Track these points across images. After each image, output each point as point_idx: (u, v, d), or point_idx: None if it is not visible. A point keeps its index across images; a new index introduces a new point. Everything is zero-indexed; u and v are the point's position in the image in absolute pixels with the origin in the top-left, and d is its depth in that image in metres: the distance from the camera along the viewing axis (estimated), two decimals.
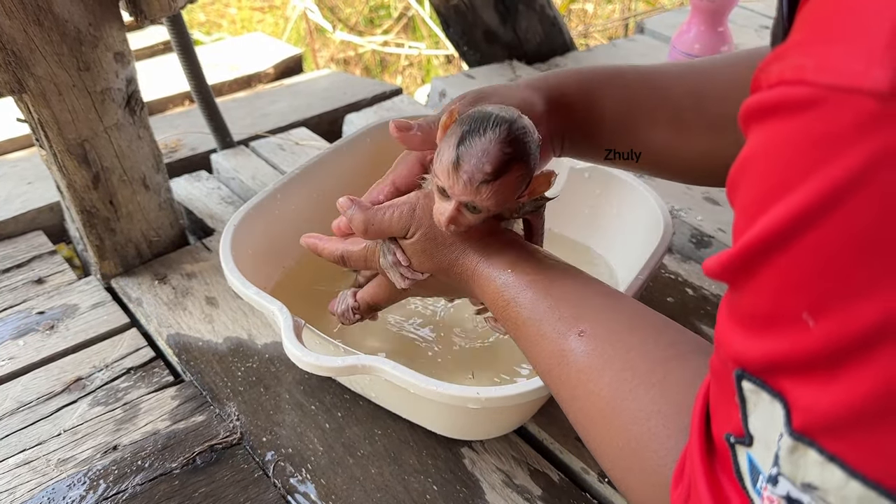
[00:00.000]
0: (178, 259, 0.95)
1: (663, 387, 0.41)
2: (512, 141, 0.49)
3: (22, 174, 1.14)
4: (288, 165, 1.12)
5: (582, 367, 0.46)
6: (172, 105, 1.42)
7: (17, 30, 0.73)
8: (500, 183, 0.49)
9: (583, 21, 2.69)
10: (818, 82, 0.25)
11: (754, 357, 0.29)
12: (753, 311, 0.29)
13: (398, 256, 0.57)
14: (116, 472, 0.69)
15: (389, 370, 0.59)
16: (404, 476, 0.69)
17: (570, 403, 0.47)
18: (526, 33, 1.43)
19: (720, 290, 0.89)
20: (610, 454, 0.43)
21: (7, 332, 0.86)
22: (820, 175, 0.25)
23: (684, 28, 1.12)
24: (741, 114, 0.29)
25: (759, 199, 0.28)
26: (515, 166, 0.49)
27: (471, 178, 0.49)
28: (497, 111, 0.50)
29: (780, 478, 0.28)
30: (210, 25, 2.83)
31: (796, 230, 0.26)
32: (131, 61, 0.84)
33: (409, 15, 2.71)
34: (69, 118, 0.80)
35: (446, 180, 0.50)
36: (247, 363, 0.80)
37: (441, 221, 0.52)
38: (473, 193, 0.50)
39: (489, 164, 0.48)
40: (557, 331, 0.48)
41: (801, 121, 0.26)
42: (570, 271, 0.53)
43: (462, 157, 0.49)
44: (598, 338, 0.46)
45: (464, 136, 0.49)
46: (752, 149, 0.29)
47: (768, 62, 0.28)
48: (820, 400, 0.26)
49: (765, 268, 0.28)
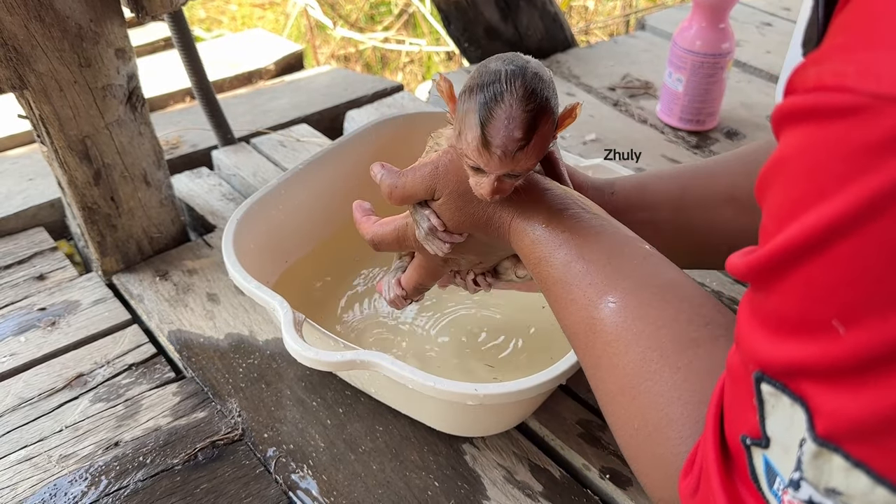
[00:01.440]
0: (180, 255, 0.95)
1: (688, 372, 0.41)
2: (532, 94, 0.46)
3: (23, 171, 1.14)
4: (289, 162, 1.12)
5: (609, 340, 0.44)
6: (173, 101, 1.42)
7: (18, 26, 0.73)
8: (533, 142, 0.46)
9: (584, 18, 2.68)
10: (860, 89, 0.25)
11: (777, 360, 0.29)
12: (780, 314, 0.29)
13: (433, 221, 0.54)
14: (118, 469, 0.69)
15: (388, 366, 0.59)
16: (406, 472, 0.69)
17: (593, 371, 0.46)
18: (527, 30, 1.43)
19: (721, 285, 0.89)
20: (626, 432, 0.43)
21: (8, 329, 0.86)
22: (859, 183, 0.25)
23: (686, 25, 1.12)
24: (774, 116, 0.29)
25: (792, 203, 0.28)
26: (542, 119, 0.46)
27: (504, 151, 0.46)
28: (503, 65, 0.47)
29: (803, 482, 0.28)
30: (211, 22, 2.82)
31: (832, 237, 0.26)
32: (132, 58, 0.84)
33: (409, 11, 2.71)
34: (70, 114, 0.80)
35: (479, 159, 0.47)
36: (248, 359, 0.80)
37: (484, 194, 0.49)
38: (511, 164, 0.47)
39: (518, 129, 0.45)
40: (588, 297, 0.46)
41: (840, 127, 0.25)
42: (608, 229, 0.50)
43: (489, 133, 0.46)
44: (628, 310, 0.44)
45: (482, 108, 0.46)
46: (786, 151, 0.28)
47: (806, 65, 0.27)
48: (846, 406, 0.26)
49: (795, 272, 0.27)
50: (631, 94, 1.31)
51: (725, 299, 0.87)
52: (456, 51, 2.26)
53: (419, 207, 0.55)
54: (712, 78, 1.13)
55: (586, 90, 1.32)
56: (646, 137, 1.17)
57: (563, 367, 0.60)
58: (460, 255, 0.57)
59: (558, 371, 0.60)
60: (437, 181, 0.53)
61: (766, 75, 1.36)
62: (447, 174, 0.52)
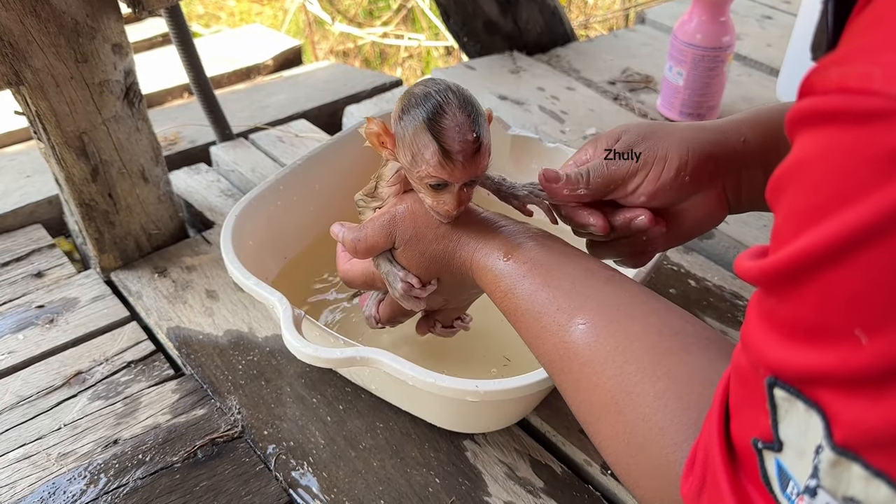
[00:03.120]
0: (178, 252, 0.94)
1: (667, 381, 0.41)
2: (465, 100, 0.49)
3: (20, 167, 1.13)
4: (287, 158, 1.12)
5: (585, 361, 0.45)
6: (171, 97, 1.41)
7: (13, 21, 0.72)
8: (484, 142, 0.50)
9: (583, 12, 2.68)
10: (887, 92, 0.24)
11: (793, 366, 0.28)
12: (795, 321, 0.28)
13: (408, 279, 0.55)
14: (117, 466, 0.69)
15: (388, 362, 0.58)
16: (406, 469, 0.69)
17: (573, 396, 0.47)
18: (526, 24, 1.42)
19: (722, 281, 0.89)
20: (615, 449, 0.43)
21: (7, 326, 0.85)
22: (885, 190, 0.24)
23: (686, 18, 1.12)
24: (789, 117, 0.28)
25: (812, 208, 0.27)
26: (482, 120, 0.50)
27: (465, 156, 0.49)
28: (427, 87, 0.49)
29: (820, 490, 0.28)
30: (209, 18, 2.81)
31: (855, 245, 0.25)
32: (129, 53, 0.83)
33: (408, 6, 2.70)
34: (67, 111, 0.79)
35: (442, 172, 0.50)
36: (247, 356, 0.80)
37: (450, 210, 0.51)
38: (474, 167, 0.50)
39: (470, 132, 0.48)
40: (557, 323, 0.47)
41: (866, 132, 0.25)
42: (569, 254, 0.52)
43: (446, 143, 0.48)
44: (599, 329, 0.45)
45: (430, 124, 0.48)
46: (804, 154, 0.28)
47: (825, 66, 0.27)
48: (866, 416, 0.26)
49: (813, 280, 0.27)
50: (631, 87, 1.30)
51: (727, 294, 0.87)
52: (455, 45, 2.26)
53: (388, 264, 0.56)
54: (713, 71, 1.12)
55: (586, 84, 1.32)
56: None
57: None
58: (436, 301, 0.59)
59: None
60: (396, 228, 0.55)
61: (767, 68, 1.36)
62: (404, 220, 0.55)
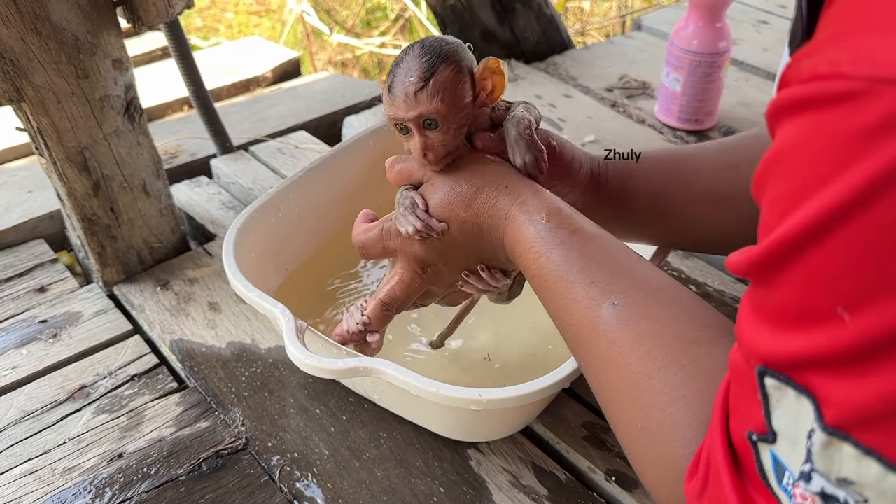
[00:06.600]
0: (180, 265, 0.94)
1: (691, 371, 0.40)
2: (428, 49, 0.53)
3: (22, 183, 1.13)
4: (288, 169, 1.12)
5: (613, 339, 0.44)
6: (171, 111, 1.42)
7: (14, 38, 0.73)
8: (433, 85, 0.52)
9: (580, 19, 2.69)
10: (855, 74, 0.24)
11: (781, 353, 0.29)
12: (783, 308, 0.29)
13: (416, 199, 0.55)
14: (122, 480, 0.69)
15: (391, 372, 0.58)
16: (411, 478, 0.69)
17: (595, 373, 0.46)
18: (523, 32, 1.43)
19: (723, 286, 0.89)
20: (629, 433, 0.43)
21: (10, 341, 0.86)
22: (857, 167, 0.24)
23: (682, 24, 1.12)
24: (769, 111, 0.29)
25: (792, 193, 0.27)
26: (441, 66, 0.52)
27: (405, 91, 0.52)
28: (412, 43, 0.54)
29: (814, 474, 0.28)
30: (207, 30, 2.82)
31: (832, 223, 0.25)
32: (130, 68, 0.84)
33: (405, 16, 2.71)
34: (68, 126, 0.80)
35: (389, 108, 0.54)
36: (251, 368, 0.80)
37: (418, 157, 0.54)
38: (415, 104, 0.52)
39: (413, 73, 0.52)
40: (590, 296, 0.46)
41: (837, 113, 0.25)
42: (602, 232, 0.51)
43: (392, 83, 0.53)
44: (633, 309, 0.44)
45: (390, 71, 0.54)
46: (784, 143, 0.28)
47: (798, 59, 0.27)
48: (854, 394, 0.26)
49: (796, 263, 0.27)
50: (629, 94, 1.31)
51: (728, 298, 0.87)
52: None
53: (408, 191, 0.57)
54: (710, 77, 1.12)
55: (584, 91, 1.32)
56: (645, 138, 1.17)
57: (566, 371, 0.60)
58: (439, 259, 0.56)
59: (562, 374, 0.59)
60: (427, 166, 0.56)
61: (764, 73, 1.36)
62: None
